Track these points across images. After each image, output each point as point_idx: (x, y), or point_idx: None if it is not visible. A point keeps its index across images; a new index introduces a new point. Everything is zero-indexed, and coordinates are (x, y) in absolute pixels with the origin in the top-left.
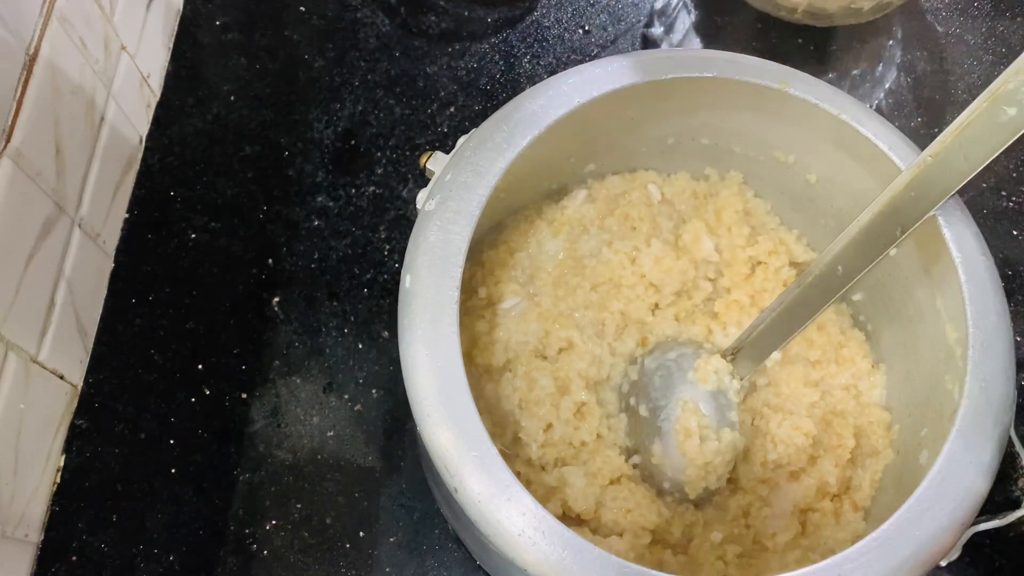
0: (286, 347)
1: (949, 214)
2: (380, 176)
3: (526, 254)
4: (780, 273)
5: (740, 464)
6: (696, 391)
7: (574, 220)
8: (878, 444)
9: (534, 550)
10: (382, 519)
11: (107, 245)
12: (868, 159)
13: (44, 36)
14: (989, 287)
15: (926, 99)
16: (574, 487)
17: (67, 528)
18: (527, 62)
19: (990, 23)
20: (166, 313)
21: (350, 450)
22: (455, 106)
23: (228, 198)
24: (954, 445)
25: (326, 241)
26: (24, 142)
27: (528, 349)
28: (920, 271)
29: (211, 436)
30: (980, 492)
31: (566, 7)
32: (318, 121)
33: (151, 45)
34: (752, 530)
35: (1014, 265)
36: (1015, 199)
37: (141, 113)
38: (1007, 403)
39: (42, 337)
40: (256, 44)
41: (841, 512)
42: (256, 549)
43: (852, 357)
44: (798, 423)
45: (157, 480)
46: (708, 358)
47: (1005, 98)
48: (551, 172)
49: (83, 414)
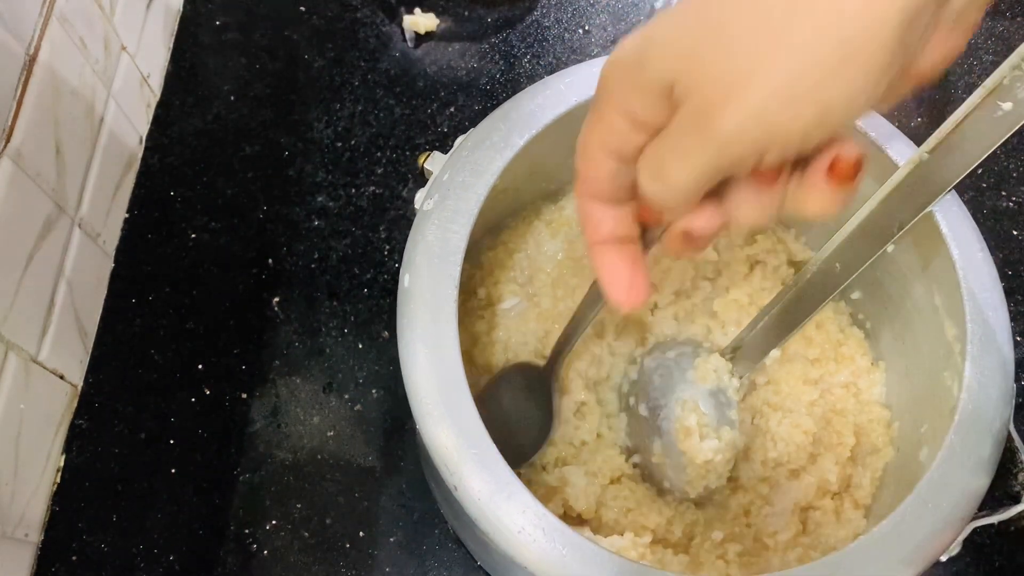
0: (286, 347)
1: (946, 210)
2: (380, 176)
3: (525, 255)
4: (779, 272)
5: (740, 463)
6: (695, 390)
7: (573, 220)
8: (878, 442)
9: (534, 547)
10: (382, 519)
11: (107, 245)
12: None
13: (44, 36)
14: (987, 283)
15: (926, 99)
16: (575, 486)
17: (67, 528)
18: (527, 62)
19: (990, 23)
20: (166, 313)
21: (350, 450)
22: (455, 106)
23: (228, 198)
24: (953, 441)
25: (326, 241)
26: (24, 142)
27: (528, 349)
28: (918, 268)
29: (211, 436)
30: (979, 487)
31: (566, 7)
32: (318, 121)
33: (151, 45)
34: (753, 528)
35: (1014, 265)
36: (1015, 199)
37: (141, 113)
38: (1006, 398)
39: (42, 337)
40: (256, 44)
41: (842, 510)
42: (256, 549)
43: (851, 355)
44: (798, 421)
45: (157, 480)
46: (707, 357)
47: (1000, 94)
48: (549, 172)
49: (83, 414)
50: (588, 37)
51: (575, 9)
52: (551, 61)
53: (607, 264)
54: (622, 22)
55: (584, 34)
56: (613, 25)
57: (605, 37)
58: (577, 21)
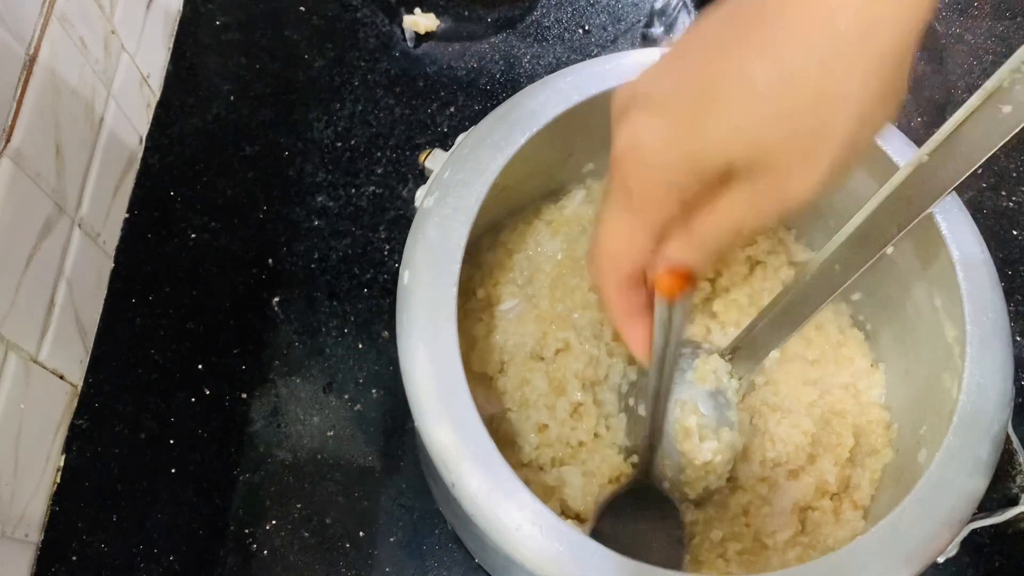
0: (286, 347)
1: (946, 212)
2: (380, 176)
3: (524, 255)
4: (779, 273)
5: (739, 463)
6: (695, 391)
7: (572, 220)
8: (877, 443)
9: (532, 544)
10: (382, 519)
11: (107, 245)
12: (868, 159)
13: (44, 36)
14: (987, 284)
15: (926, 99)
16: (572, 486)
17: (67, 528)
18: (527, 62)
19: (990, 23)
20: (166, 313)
21: (350, 450)
22: (455, 106)
23: (228, 198)
24: (951, 442)
25: (326, 241)
26: (24, 142)
27: (525, 351)
28: (918, 269)
29: (211, 436)
30: (977, 489)
31: (566, 7)
32: (318, 121)
33: (151, 45)
34: (752, 528)
35: (1014, 265)
36: (1015, 199)
37: (141, 113)
38: (1004, 400)
39: (42, 337)
40: (256, 44)
41: (841, 511)
42: (256, 549)
43: (851, 356)
44: (797, 421)
45: (157, 480)
46: (707, 358)
47: (1000, 96)
48: (550, 171)
49: (83, 414)
50: (588, 37)
51: (575, 9)
52: (551, 61)
53: (643, 335)
54: (622, 22)
55: (584, 34)
56: (613, 25)
57: (605, 37)
58: (577, 21)
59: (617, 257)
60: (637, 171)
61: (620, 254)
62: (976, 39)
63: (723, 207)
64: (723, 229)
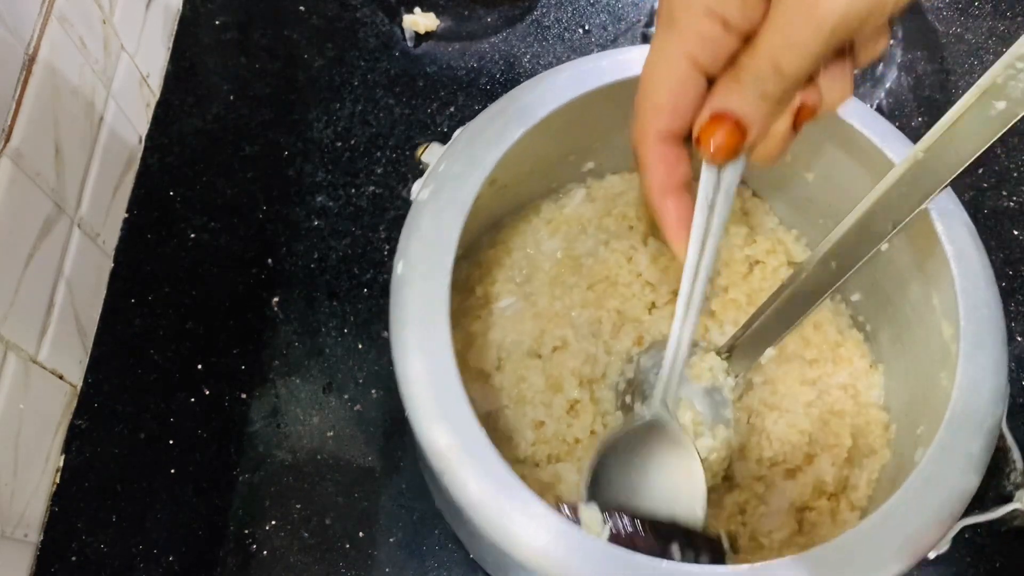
0: (286, 347)
1: (941, 208)
2: (380, 176)
3: (523, 254)
4: (778, 272)
5: (736, 461)
6: (691, 388)
7: (572, 219)
8: (875, 444)
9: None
10: (382, 519)
11: (107, 245)
12: (867, 159)
13: (44, 36)
14: (981, 280)
15: (926, 99)
16: (568, 483)
17: (67, 528)
18: (527, 62)
19: (990, 23)
20: (166, 313)
21: (350, 450)
22: (455, 106)
23: (228, 198)
24: (943, 437)
25: (326, 241)
26: (24, 142)
27: (522, 348)
28: (915, 268)
29: (211, 436)
30: (969, 485)
31: (566, 7)
32: (318, 121)
33: (151, 45)
34: (748, 527)
35: (1014, 265)
36: (1015, 199)
37: (141, 113)
38: (997, 396)
39: (42, 337)
40: (256, 44)
41: (838, 511)
42: (256, 549)
43: (850, 356)
44: (794, 421)
45: (157, 480)
46: (703, 355)
47: (994, 92)
48: (550, 170)
49: (83, 414)
50: (588, 37)
51: (575, 9)
52: (551, 61)
53: (679, 216)
54: (622, 22)
55: (584, 34)
56: (613, 25)
57: (605, 37)
58: (577, 21)
59: (659, 89)
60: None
61: (661, 83)
62: (976, 38)
63: (760, 39)
64: (762, 64)
